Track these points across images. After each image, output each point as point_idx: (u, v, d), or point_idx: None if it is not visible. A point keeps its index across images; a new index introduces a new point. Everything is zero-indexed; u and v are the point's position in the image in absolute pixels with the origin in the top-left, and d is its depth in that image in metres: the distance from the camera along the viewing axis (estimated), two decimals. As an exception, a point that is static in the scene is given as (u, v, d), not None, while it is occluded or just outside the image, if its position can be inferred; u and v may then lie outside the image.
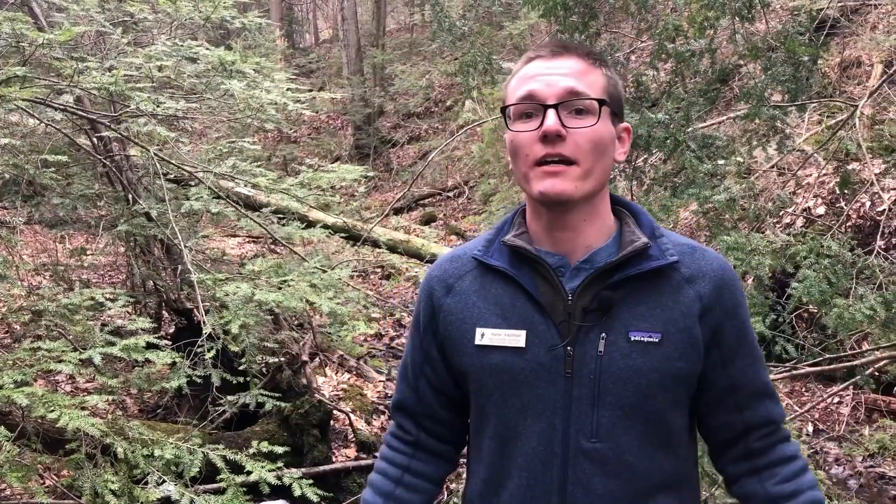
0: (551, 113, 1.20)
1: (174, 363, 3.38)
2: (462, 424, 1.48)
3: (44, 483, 3.39)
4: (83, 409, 2.77)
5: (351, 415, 4.86)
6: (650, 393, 1.23)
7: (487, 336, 1.29)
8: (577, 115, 1.21)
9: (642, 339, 1.23)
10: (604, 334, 1.23)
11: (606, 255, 1.27)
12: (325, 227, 5.76)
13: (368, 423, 5.04)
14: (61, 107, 3.90)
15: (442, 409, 1.46)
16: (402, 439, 1.49)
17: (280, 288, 3.78)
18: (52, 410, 2.63)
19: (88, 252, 5.79)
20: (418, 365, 1.44)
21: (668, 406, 1.26)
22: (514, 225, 1.36)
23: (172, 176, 4.90)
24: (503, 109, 1.28)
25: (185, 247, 3.90)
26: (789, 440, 1.35)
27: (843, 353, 4.13)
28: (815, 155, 4.98)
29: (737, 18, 3.61)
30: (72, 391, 5.12)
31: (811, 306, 3.50)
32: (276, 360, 4.37)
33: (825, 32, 6.92)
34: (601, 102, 1.22)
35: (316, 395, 4.62)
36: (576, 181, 1.21)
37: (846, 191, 4.74)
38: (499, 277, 1.31)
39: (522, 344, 1.26)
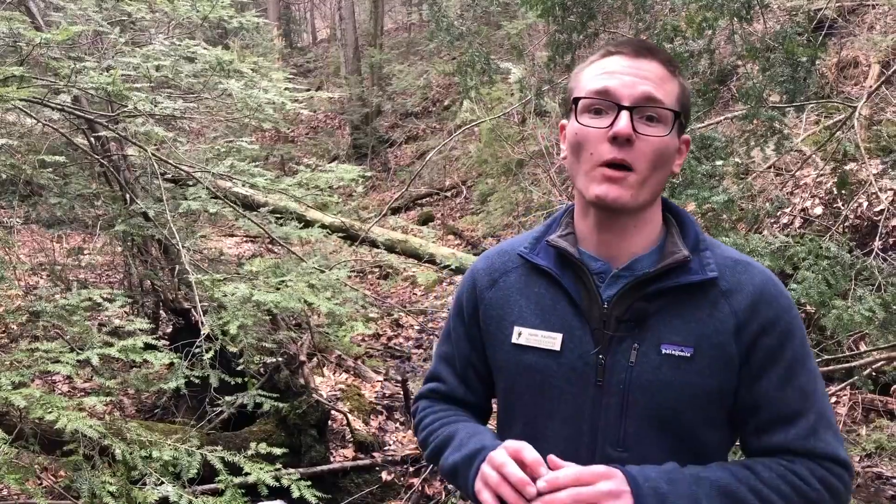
0: (625, 115, 1.17)
1: (172, 364, 3.38)
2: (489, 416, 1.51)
3: (42, 484, 3.39)
4: (81, 410, 2.76)
5: (349, 415, 4.86)
6: (679, 407, 1.20)
7: (525, 335, 1.29)
8: (648, 122, 1.18)
9: (674, 352, 1.20)
10: (636, 345, 1.21)
11: (648, 263, 1.25)
12: (323, 226, 5.75)
13: (366, 424, 5.03)
14: (59, 106, 3.89)
15: (486, 402, 1.48)
16: (451, 397, 1.48)
17: (278, 288, 3.77)
18: (50, 412, 2.63)
19: (86, 252, 5.78)
20: (466, 356, 1.43)
21: (698, 422, 1.22)
22: (561, 224, 1.34)
23: (170, 176, 4.89)
24: (575, 100, 1.23)
25: (183, 247, 3.90)
26: (822, 467, 1.20)
27: (841, 354, 4.13)
28: (813, 155, 4.98)
29: (735, 19, 3.61)
30: (69, 392, 5.11)
31: (810, 307, 3.50)
32: (274, 360, 4.36)
33: (823, 33, 6.92)
34: (676, 115, 1.20)
35: (314, 395, 4.61)
36: (633, 189, 1.18)
37: (844, 191, 4.74)
38: (543, 277, 1.30)
39: (558, 347, 1.25)
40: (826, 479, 1.20)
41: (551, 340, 1.26)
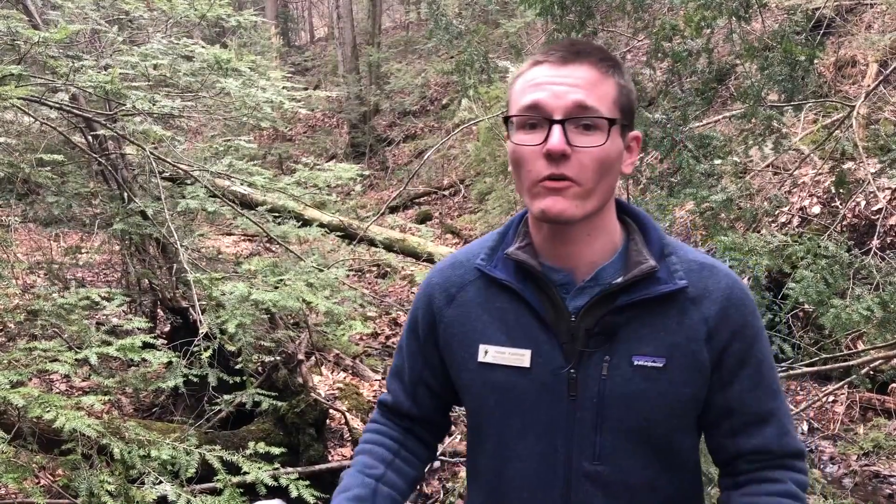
0: (557, 130, 1.12)
1: (170, 363, 3.37)
2: (449, 423, 1.48)
3: (40, 483, 3.38)
4: (79, 408, 2.76)
5: (347, 414, 4.86)
6: (654, 418, 1.19)
7: (491, 354, 1.25)
8: (584, 131, 1.13)
9: (646, 363, 1.18)
10: (607, 357, 1.19)
11: (612, 272, 1.22)
12: (321, 225, 5.75)
13: (364, 422, 5.03)
14: (56, 105, 3.89)
15: (436, 414, 1.43)
16: (387, 431, 1.44)
17: (276, 287, 3.77)
18: (49, 411, 2.62)
19: (83, 251, 5.78)
20: (417, 371, 1.39)
21: (674, 430, 1.22)
22: (518, 234, 1.29)
23: (168, 174, 4.88)
24: (506, 119, 1.19)
25: (181, 245, 3.89)
26: (788, 469, 1.26)
27: (838, 353, 4.14)
28: (812, 154, 4.99)
29: (733, 18, 3.61)
30: (67, 391, 5.10)
31: (808, 306, 3.51)
32: (273, 359, 4.36)
33: (821, 32, 6.93)
34: (611, 122, 1.14)
35: (312, 394, 4.61)
36: (577, 200, 1.14)
37: (842, 190, 4.75)
38: (503, 291, 1.25)
39: (527, 364, 1.22)
40: (803, 483, 1.24)
41: (519, 357, 1.22)
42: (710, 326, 1.19)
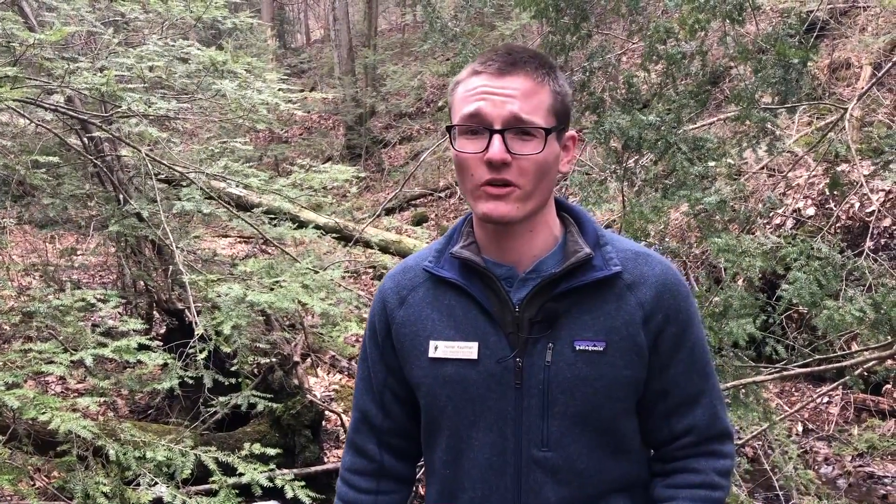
0: (496, 140, 1.18)
1: (166, 364, 3.37)
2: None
3: (35, 485, 3.38)
4: (74, 410, 2.76)
5: (342, 415, 4.86)
6: (598, 402, 1.24)
7: (441, 348, 1.30)
8: (523, 138, 1.19)
9: (587, 347, 1.23)
10: (551, 344, 1.24)
11: (552, 264, 1.27)
12: (317, 227, 5.75)
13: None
14: (52, 107, 3.88)
15: (408, 421, 1.44)
16: (363, 473, 1.45)
17: (272, 289, 3.77)
18: (44, 412, 2.62)
19: (79, 252, 5.77)
20: (381, 379, 1.42)
21: (618, 414, 1.27)
22: (462, 234, 1.35)
23: (164, 176, 4.88)
24: (448, 128, 1.25)
25: (177, 247, 3.89)
26: (714, 454, 1.31)
27: (832, 354, 4.15)
28: (805, 156, 5.01)
29: (727, 21, 3.62)
30: (63, 392, 5.10)
31: (801, 308, 3.52)
32: (268, 360, 4.36)
33: (815, 34, 6.96)
34: (547, 131, 1.20)
35: (308, 395, 4.62)
36: (517, 202, 1.21)
37: (836, 192, 4.77)
38: (451, 289, 1.31)
39: (475, 356, 1.27)
40: (724, 469, 1.31)
41: (468, 350, 1.27)
42: (646, 311, 1.25)
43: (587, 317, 1.24)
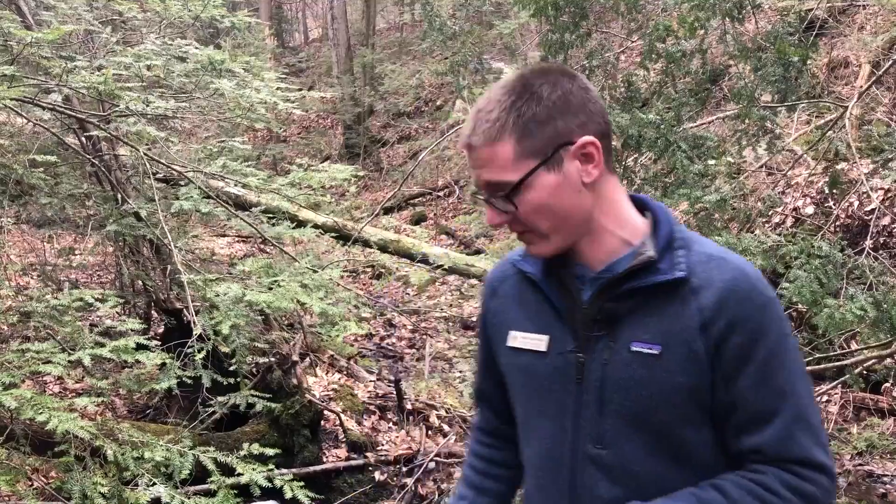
0: (486, 208, 1.28)
1: (164, 364, 3.36)
2: None
3: (32, 485, 3.37)
4: (72, 410, 2.75)
5: (341, 415, 4.85)
6: (651, 405, 1.22)
7: (518, 339, 1.35)
8: (506, 198, 1.24)
9: (642, 349, 1.22)
10: (611, 343, 1.25)
11: (625, 264, 1.26)
12: (316, 226, 5.75)
13: (359, 424, 5.03)
14: (50, 106, 3.87)
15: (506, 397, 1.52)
16: (484, 430, 1.58)
17: (271, 288, 3.77)
18: (41, 412, 2.62)
19: (77, 252, 5.76)
20: (484, 360, 1.51)
21: (675, 420, 1.23)
22: None
23: (162, 175, 4.87)
24: None
25: (175, 247, 3.89)
26: (788, 471, 1.19)
27: (832, 353, 4.15)
28: (805, 155, 5.01)
29: (727, 19, 3.62)
30: (60, 392, 5.08)
31: (802, 306, 3.52)
32: (267, 360, 4.35)
33: (814, 33, 6.95)
34: (523, 179, 1.22)
35: (306, 395, 4.61)
36: (543, 242, 1.27)
37: (835, 191, 4.76)
38: (530, 284, 1.36)
39: (544, 348, 1.31)
40: (799, 488, 1.18)
41: (538, 342, 1.32)
42: (705, 317, 1.20)
43: (648, 319, 1.23)
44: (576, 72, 1.34)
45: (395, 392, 5.20)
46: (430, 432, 4.97)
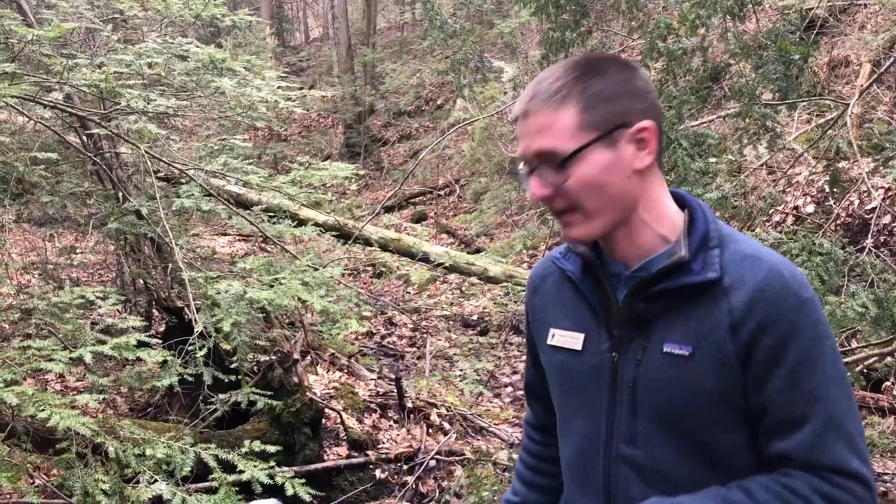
0: (530, 181, 1.23)
1: (165, 361, 3.36)
2: None
3: (34, 483, 3.37)
4: (74, 408, 2.76)
5: (342, 413, 4.85)
6: (682, 407, 1.20)
7: (557, 336, 1.36)
8: (558, 168, 1.19)
9: (673, 350, 1.20)
10: (644, 344, 1.23)
11: (659, 263, 1.24)
12: (317, 225, 5.74)
13: (360, 422, 5.03)
14: (51, 104, 3.88)
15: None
16: (534, 426, 1.61)
17: (272, 286, 3.77)
18: (43, 409, 2.62)
19: (78, 250, 5.76)
20: (531, 356, 1.53)
21: (707, 423, 1.20)
22: None
23: (163, 174, 4.87)
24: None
25: (176, 245, 3.89)
26: (825, 480, 1.15)
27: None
28: (806, 153, 5.01)
29: (728, 17, 3.62)
30: (62, 390, 5.09)
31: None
32: (268, 358, 4.35)
33: (815, 32, 6.95)
34: (577, 151, 1.18)
35: (307, 393, 4.61)
36: (584, 225, 1.22)
37: (836, 189, 4.76)
38: (569, 282, 1.36)
39: (580, 347, 1.31)
40: (830, 495, 1.14)
41: (575, 340, 1.33)
42: (735, 317, 1.16)
43: (680, 319, 1.21)
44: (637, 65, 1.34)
45: (395, 390, 5.20)
46: (430, 430, 4.98)
